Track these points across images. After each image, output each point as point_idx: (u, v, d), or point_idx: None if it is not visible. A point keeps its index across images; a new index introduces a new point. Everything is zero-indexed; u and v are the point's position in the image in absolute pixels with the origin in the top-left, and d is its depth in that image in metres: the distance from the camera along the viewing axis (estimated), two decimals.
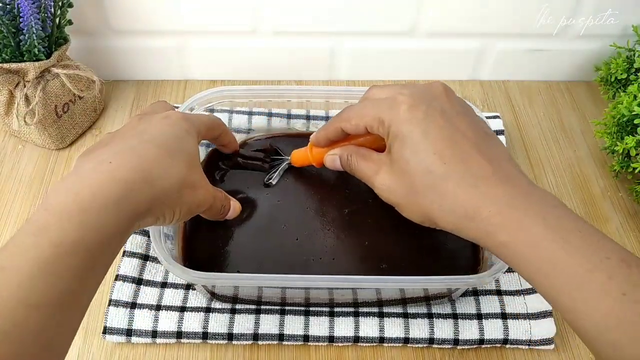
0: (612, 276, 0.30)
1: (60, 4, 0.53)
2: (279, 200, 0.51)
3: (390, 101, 0.38)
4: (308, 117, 0.58)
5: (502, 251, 0.34)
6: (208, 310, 0.46)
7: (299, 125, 0.57)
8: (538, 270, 0.32)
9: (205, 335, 0.45)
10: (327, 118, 0.57)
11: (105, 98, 0.63)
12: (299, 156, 0.49)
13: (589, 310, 0.30)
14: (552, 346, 0.46)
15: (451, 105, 0.39)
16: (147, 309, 0.46)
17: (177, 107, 0.59)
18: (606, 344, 0.30)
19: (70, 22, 0.55)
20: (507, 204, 0.34)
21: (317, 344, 0.46)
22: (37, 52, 0.52)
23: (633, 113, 0.51)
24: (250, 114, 0.57)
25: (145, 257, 0.49)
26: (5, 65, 0.51)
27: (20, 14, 0.49)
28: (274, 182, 0.51)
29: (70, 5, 0.54)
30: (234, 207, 0.46)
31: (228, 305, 0.47)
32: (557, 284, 0.32)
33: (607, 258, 0.31)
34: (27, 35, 0.50)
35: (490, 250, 0.35)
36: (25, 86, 0.53)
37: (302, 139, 0.55)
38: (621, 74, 0.58)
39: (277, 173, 0.51)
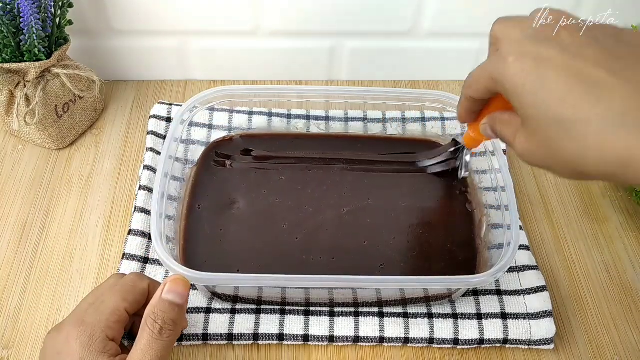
0: None
1: (60, 4, 0.53)
2: (279, 200, 0.51)
3: (497, 56, 0.34)
4: (308, 117, 0.58)
5: None
6: (208, 311, 0.46)
7: (300, 125, 0.57)
8: None
9: (205, 337, 0.45)
10: (327, 118, 0.57)
11: (105, 98, 0.63)
12: (467, 139, 0.46)
13: None
14: (552, 346, 0.46)
15: (571, 36, 0.32)
16: None
17: (179, 106, 0.59)
18: None
19: (70, 22, 0.55)
20: None
21: (317, 343, 0.46)
22: (37, 52, 0.52)
23: None
24: (250, 113, 0.57)
25: (145, 260, 0.49)
26: (6, 66, 0.51)
27: (21, 14, 0.49)
28: (466, 175, 0.52)
29: (71, 6, 0.54)
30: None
31: (228, 306, 0.47)
32: None
33: None
34: (27, 36, 0.50)
35: None
36: (25, 86, 0.53)
37: (283, 138, 0.56)
38: None
39: (464, 168, 0.52)
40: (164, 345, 0.36)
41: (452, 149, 0.52)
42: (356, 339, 0.45)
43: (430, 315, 0.46)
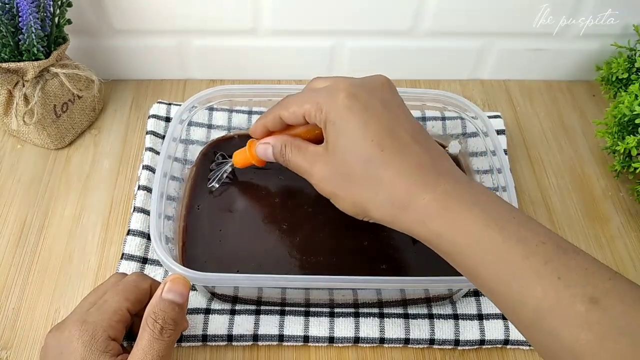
0: (547, 261, 0.30)
1: (59, 3, 0.53)
2: (279, 200, 0.51)
3: (330, 89, 0.38)
4: None
5: (437, 241, 0.34)
6: (207, 312, 0.46)
7: None
8: (474, 259, 0.32)
9: (204, 338, 0.45)
10: None
11: (104, 97, 0.63)
12: (239, 157, 0.48)
13: (525, 298, 0.30)
14: None
15: (392, 97, 0.38)
16: None
17: (178, 106, 0.59)
18: (542, 332, 0.29)
19: (69, 22, 0.55)
20: (443, 192, 0.34)
21: (317, 344, 0.46)
22: (36, 52, 0.51)
23: (634, 113, 0.51)
24: (250, 113, 0.57)
25: (144, 260, 0.49)
26: (4, 65, 0.51)
27: (19, 13, 0.49)
28: (214, 187, 0.50)
29: (70, 5, 0.54)
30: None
31: (227, 307, 0.46)
32: (493, 272, 0.31)
33: (543, 243, 0.31)
34: (26, 35, 0.50)
35: (424, 240, 0.35)
36: (24, 86, 0.53)
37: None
38: (622, 73, 0.58)
39: (217, 177, 0.51)
40: (164, 345, 0.36)
41: (217, 161, 0.52)
42: (356, 340, 0.45)
43: (431, 316, 0.46)
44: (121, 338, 0.38)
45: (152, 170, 0.53)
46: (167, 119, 0.58)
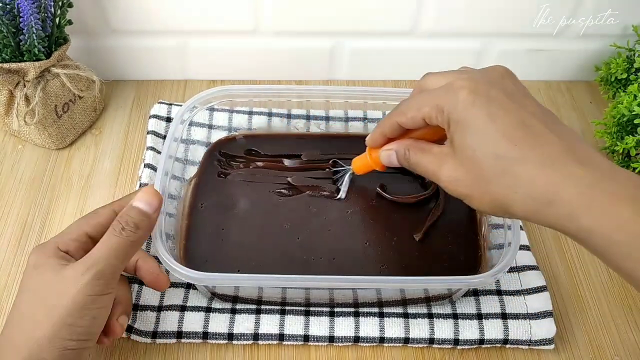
0: None
1: (60, 3, 0.53)
2: (281, 200, 0.51)
3: (448, 87, 0.36)
4: (308, 117, 0.58)
5: (587, 238, 0.32)
6: (208, 310, 0.46)
7: (300, 125, 0.57)
8: (628, 256, 0.30)
9: (205, 335, 0.45)
10: (327, 118, 0.57)
11: (105, 98, 0.63)
12: (359, 163, 0.47)
13: None
14: (552, 346, 0.46)
15: (515, 86, 0.36)
16: (148, 310, 0.46)
17: (179, 106, 0.59)
18: None
19: (70, 22, 0.55)
20: (589, 186, 0.31)
21: (317, 344, 0.46)
22: (37, 52, 0.52)
23: (633, 113, 0.51)
24: (250, 113, 0.57)
25: None
26: (5, 65, 0.51)
27: (20, 14, 0.49)
28: (343, 196, 0.51)
29: (70, 5, 0.54)
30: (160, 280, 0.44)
31: (228, 305, 0.47)
32: None
33: None
34: (27, 35, 0.50)
35: (573, 237, 0.33)
36: (25, 86, 0.53)
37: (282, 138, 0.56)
38: (621, 73, 0.58)
39: (343, 186, 0.51)
40: (120, 241, 0.37)
41: (334, 170, 0.52)
42: (356, 339, 0.45)
43: (430, 316, 0.46)
44: (76, 254, 0.38)
45: (153, 168, 0.54)
46: (168, 119, 0.58)
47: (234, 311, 0.46)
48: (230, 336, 0.45)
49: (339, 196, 0.51)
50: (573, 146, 0.33)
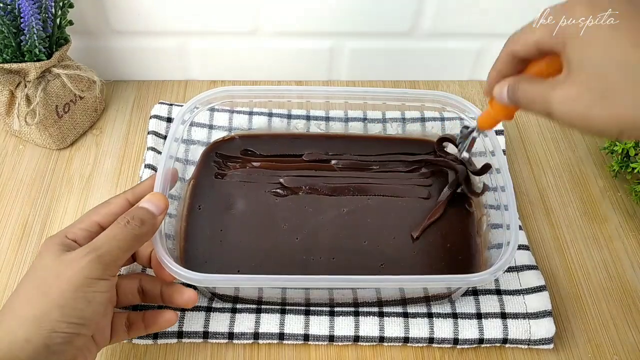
0: None
1: (60, 4, 0.53)
2: (279, 200, 0.51)
3: (560, 7, 0.34)
4: (308, 117, 0.58)
5: None
6: (209, 309, 0.46)
7: (300, 126, 0.57)
8: None
9: (205, 335, 0.45)
10: (327, 118, 0.57)
11: (105, 98, 0.63)
12: (483, 117, 0.43)
13: None
14: (551, 346, 0.46)
15: None
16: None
17: (179, 106, 0.59)
18: None
19: (71, 23, 0.55)
20: None
21: (317, 343, 0.46)
22: (38, 53, 0.52)
23: None
24: (250, 114, 0.57)
25: None
26: (6, 66, 0.51)
27: (21, 15, 0.49)
28: (466, 157, 0.47)
29: (71, 6, 0.54)
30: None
31: (229, 305, 0.47)
32: None
33: None
34: (28, 36, 0.50)
35: None
36: (26, 86, 0.53)
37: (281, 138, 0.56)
38: None
39: (467, 146, 0.46)
40: (124, 232, 0.37)
41: (462, 127, 0.48)
42: (356, 339, 0.46)
43: (430, 315, 0.46)
44: (83, 242, 0.38)
45: (154, 169, 0.54)
46: (169, 120, 0.59)
47: (234, 310, 0.46)
48: (231, 335, 0.45)
49: (461, 156, 0.47)
50: None
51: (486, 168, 0.49)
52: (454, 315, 0.46)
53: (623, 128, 0.31)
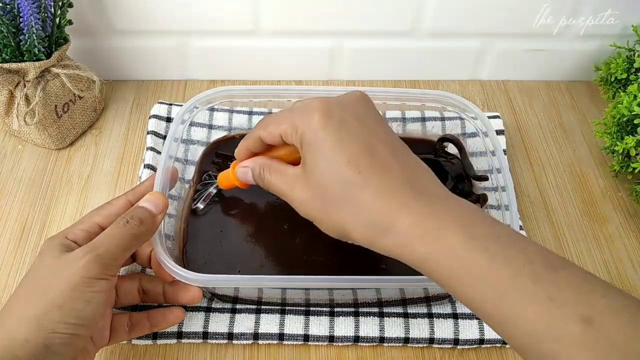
0: (536, 281, 0.29)
1: (60, 3, 0.53)
2: (279, 201, 0.51)
3: (304, 108, 0.36)
4: None
5: (422, 265, 0.32)
6: (208, 310, 0.46)
7: None
8: (460, 280, 0.31)
9: (205, 335, 0.45)
10: None
11: (105, 98, 0.63)
12: (223, 177, 0.47)
13: (517, 320, 0.29)
14: None
15: (367, 111, 0.37)
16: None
17: (179, 106, 0.59)
18: (539, 354, 0.28)
19: (70, 22, 0.55)
20: (423, 215, 0.32)
21: (317, 343, 0.46)
22: (37, 52, 0.52)
23: (633, 113, 0.51)
24: (250, 113, 0.57)
25: None
26: (6, 65, 0.51)
27: (20, 14, 0.49)
28: (199, 208, 0.50)
29: (71, 5, 0.54)
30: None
31: (228, 305, 0.47)
32: (481, 294, 0.30)
33: (531, 262, 0.29)
34: (27, 35, 0.50)
35: (413, 265, 0.33)
36: (25, 86, 0.53)
37: None
38: (621, 73, 0.58)
39: (202, 198, 0.50)
40: (123, 232, 0.38)
41: (203, 182, 0.51)
42: (356, 339, 0.45)
43: (430, 315, 0.46)
44: (84, 243, 0.38)
45: (153, 169, 0.54)
46: (168, 119, 0.58)
47: (234, 311, 0.46)
48: (231, 336, 0.45)
49: (195, 206, 0.50)
50: (414, 176, 0.35)
51: (484, 179, 0.50)
52: (455, 316, 0.46)
53: (338, 234, 0.36)
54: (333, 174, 0.34)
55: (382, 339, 0.45)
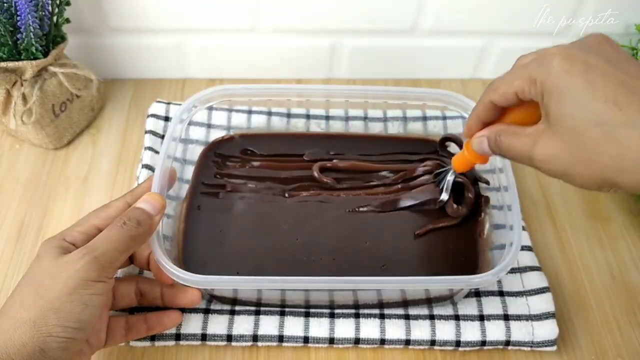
0: None
1: (57, 2, 0.52)
2: (279, 201, 0.51)
3: (541, 58, 0.34)
4: (308, 116, 0.57)
5: None
6: (207, 311, 0.46)
7: (300, 124, 0.57)
8: None
9: (204, 337, 0.45)
10: (327, 117, 0.57)
11: (103, 97, 0.63)
12: (458, 160, 0.45)
13: None
14: (554, 348, 0.45)
15: (615, 51, 0.34)
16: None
17: (177, 105, 0.58)
18: None
19: (67, 21, 0.54)
20: None
21: (317, 345, 0.45)
22: (34, 51, 0.51)
23: None
24: (249, 112, 0.57)
25: None
26: (3, 64, 0.51)
27: (18, 12, 0.49)
28: (445, 198, 0.48)
29: (68, 4, 0.53)
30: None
31: (227, 306, 0.46)
32: None
33: None
34: (24, 34, 0.50)
35: None
36: (22, 85, 0.53)
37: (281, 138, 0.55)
38: None
39: (445, 188, 0.48)
40: (120, 234, 0.37)
41: (437, 171, 0.50)
42: (357, 341, 0.45)
43: (431, 317, 0.46)
44: (81, 244, 0.38)
45: (151, 169, 0.53)
46: (166, 118, 0.58)
47: (233, 312, 0.46)
48: (230, 337, 0.45)
49: (440, 198, 0.49)
50: None
51: (485, 181, 0.50)
52: (456, 317, 0.46)
53: (601, 184, 0.32)
54: (587, 117, 0.31)
55: (382, 341, 0.45)
